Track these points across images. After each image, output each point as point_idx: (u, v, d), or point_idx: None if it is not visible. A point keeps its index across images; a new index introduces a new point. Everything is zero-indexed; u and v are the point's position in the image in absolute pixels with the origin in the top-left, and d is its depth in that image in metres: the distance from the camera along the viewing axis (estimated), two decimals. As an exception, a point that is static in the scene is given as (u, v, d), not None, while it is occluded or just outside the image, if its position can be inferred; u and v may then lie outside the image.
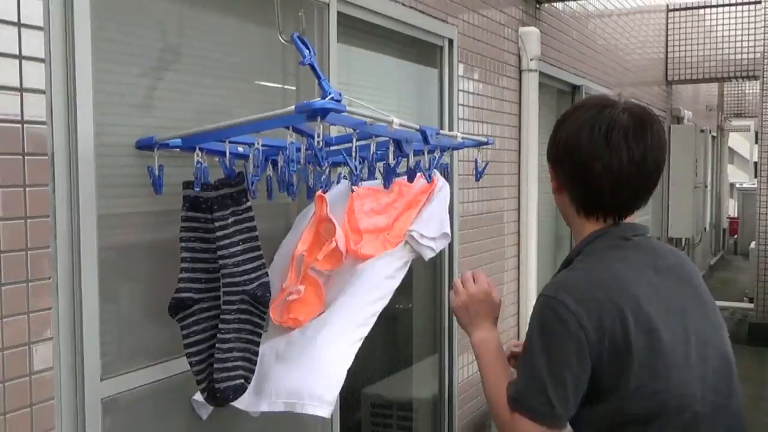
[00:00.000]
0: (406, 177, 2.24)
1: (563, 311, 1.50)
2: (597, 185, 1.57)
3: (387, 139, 2.07)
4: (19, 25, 1.67)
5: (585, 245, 1.63)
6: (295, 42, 1.96)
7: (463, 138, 2.44)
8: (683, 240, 10.35)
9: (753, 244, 9.45)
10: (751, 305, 9.10)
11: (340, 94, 1.79)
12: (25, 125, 1.68)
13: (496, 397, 1.61)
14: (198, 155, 1.87)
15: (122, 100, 1.99)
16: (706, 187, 12.60)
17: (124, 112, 2.00)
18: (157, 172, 1.92)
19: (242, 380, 1.92)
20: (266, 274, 1.99)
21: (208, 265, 1.96)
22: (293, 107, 1.69)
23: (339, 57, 2.75)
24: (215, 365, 1.90)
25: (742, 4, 9.23)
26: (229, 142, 1.89)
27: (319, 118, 1.67)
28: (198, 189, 1.87)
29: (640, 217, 8.12)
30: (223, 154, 1.91)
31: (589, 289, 1.52)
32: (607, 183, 1.56)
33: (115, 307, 1.98)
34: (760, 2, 8.97)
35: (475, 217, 4.03)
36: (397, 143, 2.06)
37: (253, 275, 1.94)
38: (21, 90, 1.67)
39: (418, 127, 2.09)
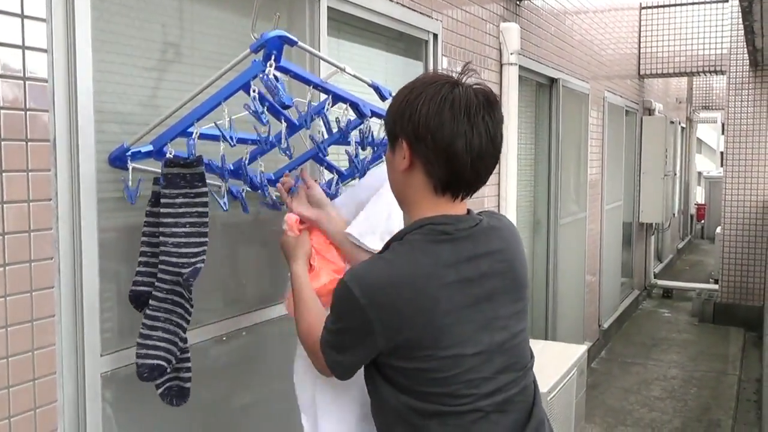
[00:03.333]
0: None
1: (351, 298, 1.50)
2: (460, 162, 1.52)
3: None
4: (22, 17, 1.65)
5: (409, 231, 1.58)
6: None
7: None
8: (653, 225, 10.41)
9: (719, 229, 9.53)
10: (716, 286, 9.20)
11: (291, 99, 1.75)
12: (27, 112, 1.66)
13: (314, 331, 1.69)
14: (170, 152, 1.81)
15: (121, 88, 1.98)
16: (675, 175, 12.66)
17: (123, 100, 1.99)
18: (130, 183, 1.84)
19: (162, 361, 1.82)
20: (203, 261, 1.84)
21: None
22: (247, 50, 1.67)
23: (329, 50, 2.74)
24: (137, 340, 1.82)
25: (711, 2, 9.24)
26: (201, 135, 1.81)
27: (273, 56, 1.64)
28: (163, 185, 1.81)
29: (613, 203, 8.18)
30: (212, 138, 1.84)
31: (385, 284, 1.51)
32: (468, 159, 1.52)
33: (115, 286, 1.97)
34: (727, 1, 8.99)
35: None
36: (355, 106, 2.03)
37: (192, 259, 1.82)
38: (24, 78, 1.66)
39: (369, 81, 2.07)
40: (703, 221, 16.60)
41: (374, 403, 1.65)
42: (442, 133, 1.50)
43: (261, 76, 1.65)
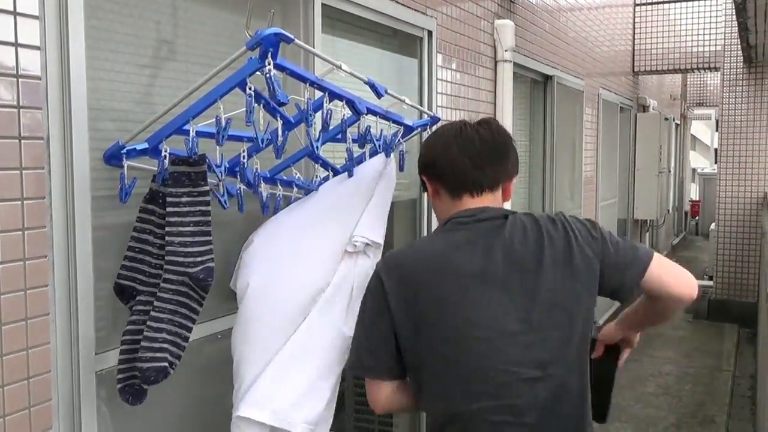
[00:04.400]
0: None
1: (373, 278, 1.74)
2: (462, 163, 1.77)
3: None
4: (15, 14, 1.64)
5: (436, 229, 1.82)
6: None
7: (409, 105, 2.38)
8: (648, 221, 10.43)
9: (713, 226, 9.55)
10: (711, 282, 9.20)
11: (287, 96, 1.75)
12: (21, 110, 1.65)
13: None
14: (165, 150, 1.80)
15: (115, 86, 1.97)
16: (669, 172, 12.70)
17: (117, 97, 1.98)
18: (126, 181, 1.83)
19: (166, 363, 1.81)
20: (212, 260, 1.87)
21: (153, 260, 1.89)
22: (243, 48, 1.67)
23: (323, 47, 2.74)
24: (142, 343, 1.80)
25: (705, -1, 9.27)
26: (197, 133, 1.80)
27: (270, 53, 1.64)
28: (160, 182, 1.82)
29: (608, 200, 8.19)
30: (208, 135, 1.83)
31: (403, 259, 1.75)
32: (466, 160, 1.77)
33: (110, 284, 1.96)
34: (721, -3, 9.01)
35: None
36: (351, 103, 2.03)
37: (198, 258, 1.83)
38: (17, 76, 1.65)
39: (365, 78, 2.07)
40: (697, 218, 16.63)
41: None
42: (435, 150, 1.83)
43: (264, 72, 1.65)
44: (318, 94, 1.98)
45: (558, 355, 1.64)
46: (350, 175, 2.24)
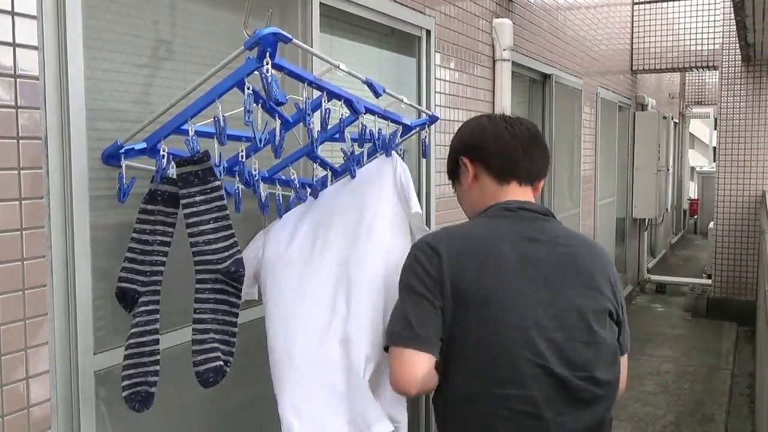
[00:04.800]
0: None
1: (419, 254, 1.68)
2: (513, 148, 1.77)
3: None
4: (12, 14, 1.64)
5: (477, 215, 1.80)
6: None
7: (407, 104, 2.36)
8: (646, 220, 10.43)
9: (712, 224, 9.55)
10: (709, 281, 9.22)
11: (285, 96, 1.73)
12: (19, 110, 1.65)
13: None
14: (163, 149, 1.80)
15: (113, 86, 1.97)
16: (668, 170, 12.70)
17: (115, 97, 1.98)
18: (124, 181, 1.83)
19: (221, 363, 1.82)
20: (239, 251, 1.88)
21: (153, 258, 1.88)
22: (241, 47, 1.66)
23: (321, 47, 2.74)
24: (193, 347, 1.81)
25: (703, -2, 9.28)
26: (196, 133, 1.79)
27: (267, 53, 1.64)
28: (159, 182, 1.81)
29: (606, 199, 8.19)
30: (206, 135, 1.83)
31: (444, 239, 1.69)
32: (518, 145, 1.77)
33: (108, 284, 1.96)
34: (719, -4, 9.02)
35: (450, 199, 4.02)
36: (349, 102, 2.03)
37: (225, 254, 1.83)
38: (15, 76, 1.65)
39: (364, 78, 2.07)
40: (696, 216, 16.64)
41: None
42: (487, 133, 1.80)
43: (262, 72, 1.64)
44: (316, 93, 1.98)
45: (584, 360, 1.64)
46: (352, 176, 2.24)
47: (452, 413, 1.68)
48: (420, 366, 1.61)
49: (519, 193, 1.79)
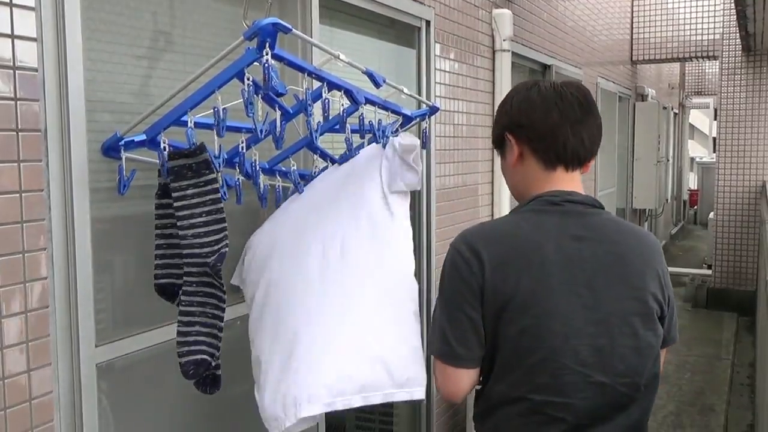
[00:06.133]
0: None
1: (458, 258, 1.58)
2: (562, 130, 1.63)
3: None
4: (11, 5, 1.63)
5: (521, 206, 1.68)
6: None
7: (407, 95, 2.36)
8: (647, 211, 10.43)
9: (711, 215, 9.55)
10: (710, 272, 9.23)
11: (285, 87, 1.73)
12: (18, 102, 1.65)
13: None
14: (164, 141, 1.79)
15: (112, 77, 1.96)
16: (668, 161, 12.70)
17: (115, 89, 1.97)
18: (124, 173, 1.83)
19: (204, 356, 1.81)
20: (227, 244, 1.85)
21: (182, 250, 1.87)
22: (241, 38, 1.65)
23: (321, 38, 2.73)
24: (177, 339, 1.81)
25: (703, -13, 9.25)
26: (196, 124, 1.78)
27: (267, 43, 1.63)
28: (166, 176, 1.80)
29: (606, 190, 8.19)
30: (206, 127, 1.82)
31: (487, 241, 1.58)
32: (567, 126, 1.63)
33: (109, 276, 1.96)
34: (719, -15, 8.99)
35: (451, 190, 4.03)
36: (349, 93, 2.02)
37: (215, 247, 1.81)
38: (14, 68, 1.64)
39: (364, 68, 2.06)
40: (695, 207, 16.64)
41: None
42: (535, 110, 1.64)
43: (262, 63, 1.64)
44: (316, 84, 1.98)
45: (627, 365, 1.57)
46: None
47: (489, 415, 1.64)
48: (462, 381, 1.61)
49: (566, 181, 1.66)
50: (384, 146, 2.24)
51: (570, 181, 1.67)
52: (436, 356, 1.61)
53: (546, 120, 1.63)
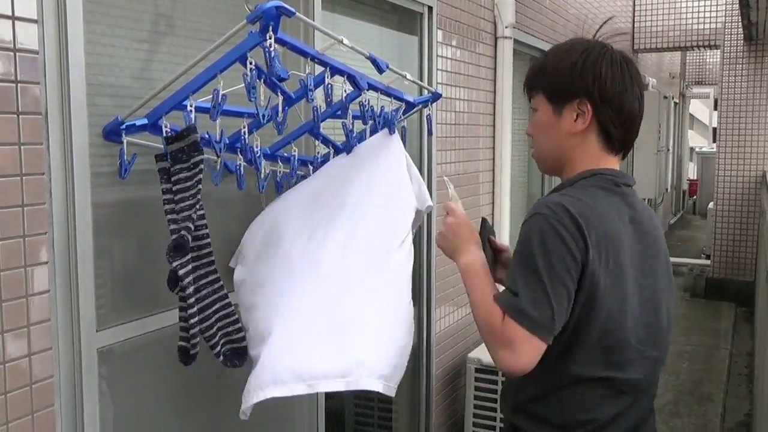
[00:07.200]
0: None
1: (562, 230, 1.50)
2: (636, 122, 1.65)
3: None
4: (11, -13, 1.62)
5: (579, 179, 1.64)
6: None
7: (410, 81, 2.35)
8: (646, 200, 10.43)
9: (711, 205, 9.55)
10: (708, 262, 9.23)
11: (287, 72, 1.72)
12: (19, 84, 1.63)
13: (486, 310, 1.59)
14: (165, 126, 1.78)
15: (114, 61, 1.95)
16: (668, 150, 12.69)
17: (116, 72, 1.96)
18: (125, 157, 1.82)
19: (182, 344, 1.87)
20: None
21: (197, 233, 1.89)
22: (243, 21, 1.64)
23: (323, 23, 2.71)
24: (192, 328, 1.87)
25: (706, -24, 9.21)
26: (198, 108, 1.77)
27: (270, 27, 1.62)
28: (168, 160, 1.79)
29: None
30: (206, 111, 1.81)
31: (588, 217, 1.52)
32: (639, 120, 1.66)
33: (110, 261, 1.96)
34: (722, -26, 8.95)
35: (451, 177, 4.01)
36: (352, 79, 2.01)
37: (206, 230, 1.90)
38: (14, 50, 1.63)
39: (367, 53, 2.05)
40: (695, 197, 16.65)
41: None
42: (626, 96, 1.60)
43: (265, 47, 1.62)
44: (318, 69, 1.96)
45: (663, 339, 1.70)
46: (348, 152, 2.23)
47: (553, 394, 1.63)
48: (536, 352, 1.53)
49: (615, 162, 1.68)
50: (391, 132, 2.23)
51: (617, 163, 1.70)
52: (528, 324, 1.50)
53: (631, 109, 1.62)
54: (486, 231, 1.85)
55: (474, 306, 1.64)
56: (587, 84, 1.59)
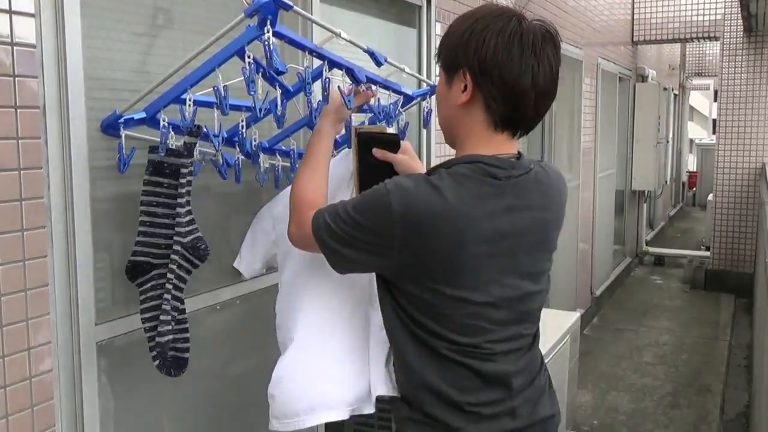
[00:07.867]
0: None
1: (388, 209, 1.46)
2: (525, 98, 1.49)
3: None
4: (8, -20, 1.61)
5: (458, 163, 1.53)
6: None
7: (409, 74, 2.33)
8: (646, 192, 10.43)
9: (710, 197, 9.56)
10: (708, 253, 9.25)
11: (285, 65, 1.70)
12: (16, 78, 1.63)
13: (310, 197, 1.73)
14: (164, 120, 1.78)
15: (112, 54, 1.95)
16: (667, 142, 12.67)
17: (114, 66, 1.96)
18: (124, 151, 1.82)
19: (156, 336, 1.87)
20: (197, 228, 1.93)
21: (168, 231, 1.88)
22: (241, 15, 1.63)
23: (322, 17, 2.70)
24: (177, 335, 1.89)
25: (705, -33, 9.18)
26: (196, 102, 1.76)
27: (268, 20, 1.61)
28: (162, 153, 1.79)
29: (606, 171, 8.17)
30: (206, 105, 1.81)
31: (425, 210, 1.45)
32: (533, 96, 1.49)
33: (109, 254, 1.96)
34: (722, -34, 8.93)
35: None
36: (350, 72, 2.01)
37: (190, 227, 1.90)
38: (12, 44, 1.62)
39: (365, 47, 2.04)
40: (694, 189, 16.65)
41: (384, 322, 1.65)
42: (511, 68, 1.46)
43: (263, 40, 1.62)
44: (317, 63, 1.96)
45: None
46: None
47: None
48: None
49: (506, 146, 1.56)
50: (389, 126, 2.23)
51: (510, 146, 1.57)
52: (320, 224, 1.58)
53: (518, 83, 1.47)
54: (363, 141, 1.83)
55: (303, 174, 1.80)
56: (469, 54, 1.49)
